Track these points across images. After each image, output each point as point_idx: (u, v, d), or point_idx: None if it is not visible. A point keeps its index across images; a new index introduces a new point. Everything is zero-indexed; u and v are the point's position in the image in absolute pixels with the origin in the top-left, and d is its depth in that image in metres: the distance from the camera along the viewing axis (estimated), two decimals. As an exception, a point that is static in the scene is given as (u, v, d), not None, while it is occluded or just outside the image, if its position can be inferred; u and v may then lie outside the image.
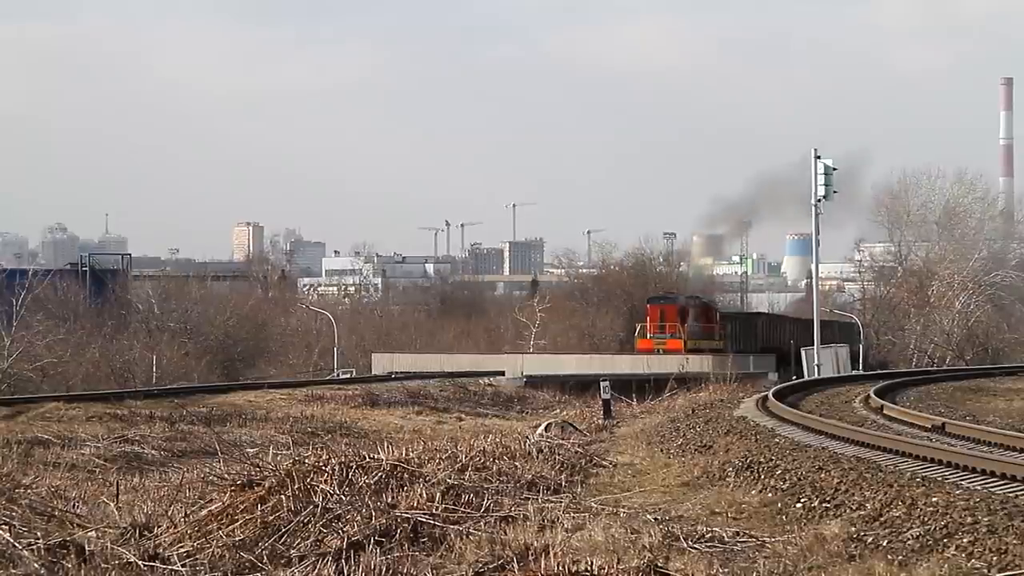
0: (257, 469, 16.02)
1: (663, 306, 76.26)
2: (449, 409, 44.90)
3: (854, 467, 17.78)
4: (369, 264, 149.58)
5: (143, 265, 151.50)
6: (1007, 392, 44.34)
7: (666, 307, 76.03)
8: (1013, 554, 12.09)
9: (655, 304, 77.02)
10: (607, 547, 13.60)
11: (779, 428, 25.53)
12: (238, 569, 13.52)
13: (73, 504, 17.53)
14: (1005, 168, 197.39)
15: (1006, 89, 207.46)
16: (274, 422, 35.75)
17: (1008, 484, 16.13)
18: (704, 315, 76.62)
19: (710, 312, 77.91)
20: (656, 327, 74.69)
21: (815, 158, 61.99)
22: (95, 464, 26.04)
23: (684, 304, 76.63)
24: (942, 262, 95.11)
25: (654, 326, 74.84)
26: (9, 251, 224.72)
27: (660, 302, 77.41)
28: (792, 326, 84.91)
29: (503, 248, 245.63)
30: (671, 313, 75.21)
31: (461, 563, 13.52)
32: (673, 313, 75.14)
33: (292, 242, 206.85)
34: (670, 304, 76.62)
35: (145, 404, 37.49)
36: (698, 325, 75.04)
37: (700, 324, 75.26)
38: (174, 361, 68.47)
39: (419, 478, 16.59)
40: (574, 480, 19.79)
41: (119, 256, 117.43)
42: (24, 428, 31.13)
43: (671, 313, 75.21)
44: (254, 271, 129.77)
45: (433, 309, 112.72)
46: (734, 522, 15.47)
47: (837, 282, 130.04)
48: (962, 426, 25.86)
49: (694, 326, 74.78)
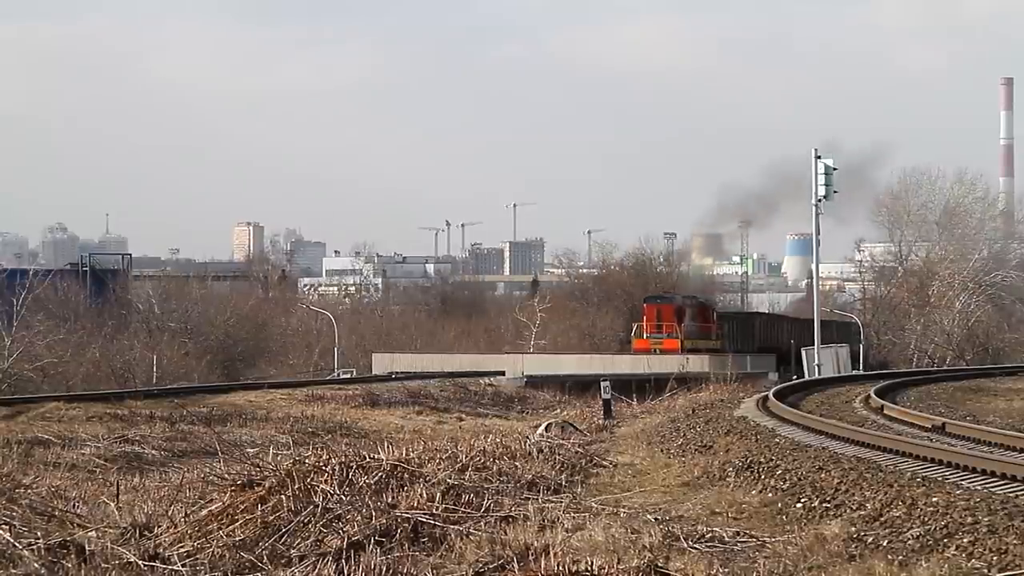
0: (257, 469, 16.02)
1: (660, 306, 75.85)
2: (449, 409, 44.89)
3: (854, 467, 17.77)
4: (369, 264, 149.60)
5: (143, 265, 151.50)
6: (1007, 392, 44.35)
7: (663, 307, 75.61)
8: (1013, 554, 12.09)
9: (652, 304, 76.60)
10: (607, 547, 13.60)
11: (779, 428, 25.53)
12: (238, 569, 13.52)
13: (73, 504, 17.53)
14: (1005, 168, 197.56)
15: (1006, 89, 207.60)
16: (274, 422, 35.74)
17: (1008, 484, 16.13)
18: (701, 315, 76.18)
19: (707, 312, 77.49)
20: (653, 327, 74.29)
21: (815, 158, 62.06)
22: (95, 464, 26.02)
23: (681, 304, 76.24)
24: (942, 262, 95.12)
25: (651, 326, 74.44)
26: (9, 251, 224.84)
27: (657, 302, 76.95)
28: (790, 326, 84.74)
29: (503, 248, 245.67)
30: (668, 313, 74.80)
31: (461, 563, 13.53)
32: (670, 313, 74.73)
33: (292, 242, 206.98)
34: (667, 304, 76.22)
35: (145, 404, 37.46)
36: (695, 325, 74.60)
37: (697, 324, 74.85)
38: (174, 361, 68.47)
39: (419, 478, 16.59)
40: (574, 480, 19.79)
41: (119, 256, 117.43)
42: (24, 428, 31.12)
43: (668, 313, 74.80)
44: (254, 271, 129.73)
45: (433, 309, 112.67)
46: (734, 522, 15.47)
47: (837, 282, 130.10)
48: (962, 426, 25.86)
49: (691, 326, 74.33)
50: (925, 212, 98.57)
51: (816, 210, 62.41)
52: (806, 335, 75.67)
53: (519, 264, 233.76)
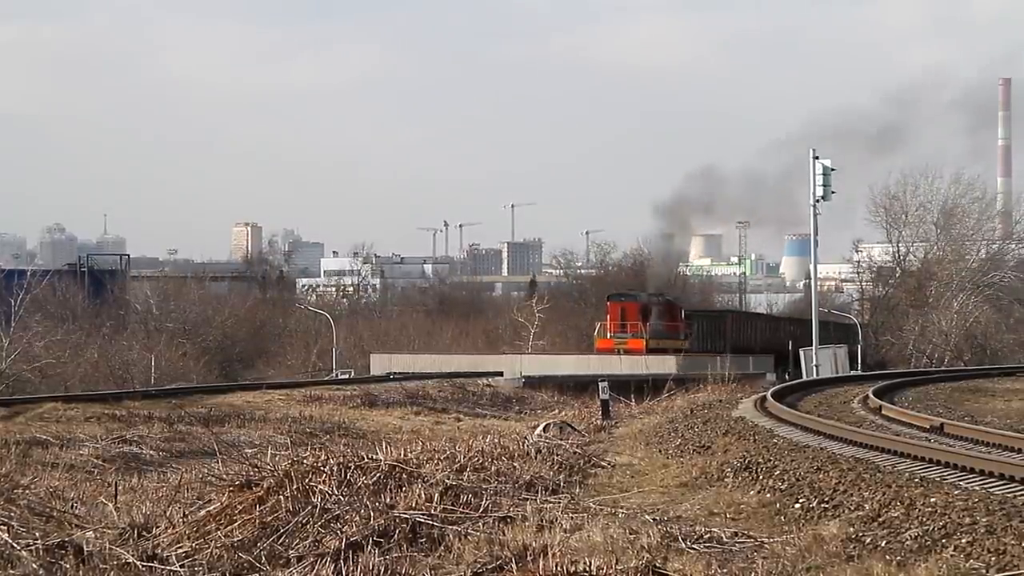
0: (255, 470, 16.03)
1: (624, 303, 73.09)
2: (447, 409, 44.91)
3: (852, 467, 17.77)
4: (367, 265, 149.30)
5: (141, 266, 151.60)
6: (1005, 392, 44.31)
7: (627, 305, 72.84)
8: (1011, 555, 12.09)
9: (615, 302, 73.70)
10: (605, 547, 13.60)
11: (778, 428, 25.51)
12: (236, 569, 13.52)
13: (71, 504, 17.55)
14: (1003, 168, 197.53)
15: (1004, 89, 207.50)
16: (272, 423, 35.74)
17: (1006, 484, 16.13)
18: (668, 313, 73.37)
19: (674, 310, 74.50)
20: (617, 326, 71.73)
21: (813, 158, 61.86)
22: (93, 465, 26.03)
23: (647, 302, 73.42)
24: (940, 262, 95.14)
25: (614, 325, 71.89)
26: (7, 252, 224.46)
27: (621, 299, 74.05)
28: (766, 324, 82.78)
29: (501, 248, 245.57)
30: (632, 311, 72.14)
31: (459, 563, 13.53)
32: (634, 311, 72.09)
33: (290, 243, 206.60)
34: (631, 301, 73.40)
35: (143, 405, 37.47)
36: (661, 324, 72.02)
37: (663, 323, 72.23)
38: (172, 362, 68.50)
39: (417, 479, 16.58)
40: (572, 481, 19.79)
41: (118, 257, 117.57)
42: (22, 428, 31.11)
43: (632, 311, 72.14)
44: (253, 272, 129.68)
45: (431, 309, 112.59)
46: (732, 522, 15.48)
47: (835, 282, 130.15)
48: (960, 426, 25.85)
49: (657, 325, 71.73)
50: (923, 212, 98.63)
51: (814, 211, 62.28)
52: (776, 334, 75.01)
53: (517, 264, 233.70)
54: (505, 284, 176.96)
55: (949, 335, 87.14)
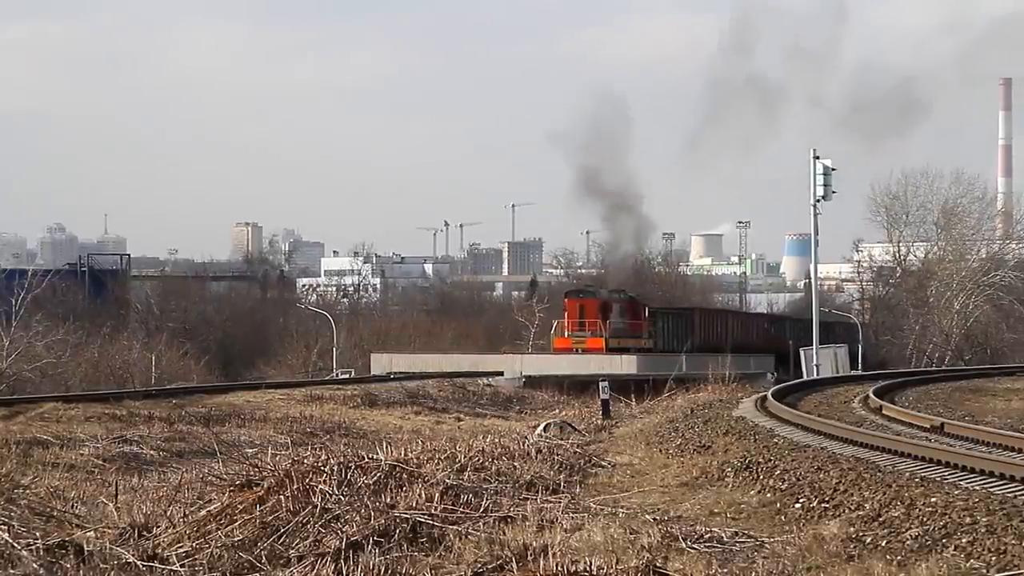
0: (256, 469, 16.03)
1: (583, 301, 69.35)
2: (448, 409, 44.92)
3: (853, 467, 17.76)
4: (368, 264, 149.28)
5: (142, 265, 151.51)
6: (1006, 392, 44.27)
7: (586, 302, 69.14)
8: (1012, 554, 12.09)
9: (573, 299, 70.12)
10: (606, 547, 13.60)
11: (778, 428, 25.51)
12: (237, 569, 13.52)
13: (72, 504, 17.55)
14: (1004, 168, 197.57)
15: (1004, 89, 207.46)
16: (273, 422, 35.74)
17: (1007, 484, 16.12)
18: (630, 311, 70.13)
19: (637, 308, 71.02)
20: (575, 324, 68.19)
21: (813, 158, 61.88)
22: (94, 464, 26.00)
23: (607, 299, 69.79)
24: (941, 262, 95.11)
25: (573, 323, 68.38)
26: (8, 251, 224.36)
27: (579, 296, 70.35)
28: (735, 320, 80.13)
29: (502, 248, 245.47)
30: (591, 309, 68.41)
31: (460, 563, 13.52)
32: (594, 309, 68.36)
33: (291, 242, 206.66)
34: (590, 299, 69.66)
35: (144, 404, 37.43)
36: (623, 322, 68.95)
37: (625, 321, 69.17)
38: (173, 361, 68.54)
39: (418, 478, 16.58)
40: (573, 480, 19.79)
41: (118, 256, 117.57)
42: (23, 428, 31.08)
43: (591, 309, 68.41)
44: (253, 271, 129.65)
45: (432, 309, 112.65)
46: (733, 522, 15.48)
47: (836, 282, 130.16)
48: (961, 426, 25.84)
49: (618, 323, 68.53)
50: (924, 212, 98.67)
51: (815, 210, 62.25)
52: (747, 333, 74.01)
53: (518, 264, 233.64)
54: (505, 284, 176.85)
55: (949, 335, 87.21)
